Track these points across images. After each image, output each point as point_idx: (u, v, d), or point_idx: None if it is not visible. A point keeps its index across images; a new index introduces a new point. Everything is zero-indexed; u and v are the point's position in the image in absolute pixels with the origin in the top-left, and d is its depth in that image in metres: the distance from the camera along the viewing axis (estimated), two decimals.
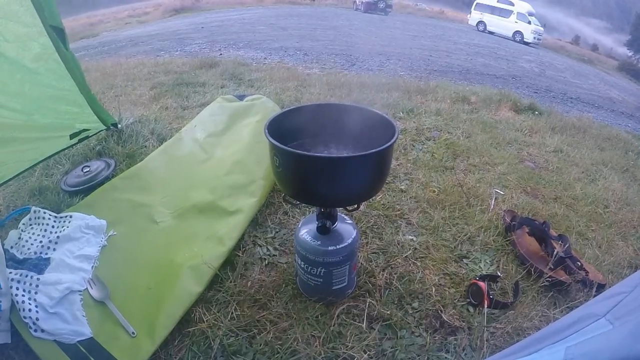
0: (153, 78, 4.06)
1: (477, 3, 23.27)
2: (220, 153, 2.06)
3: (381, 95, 3.65)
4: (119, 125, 2.38)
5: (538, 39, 21.39)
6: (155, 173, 1.96)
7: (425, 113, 3.26)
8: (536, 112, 4.03)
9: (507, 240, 1.75)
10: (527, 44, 20.28)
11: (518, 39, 20.64)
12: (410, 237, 1.71)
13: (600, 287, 1.62)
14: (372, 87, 3.98)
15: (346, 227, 1.31)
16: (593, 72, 16.38)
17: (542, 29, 22.67)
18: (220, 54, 6.26)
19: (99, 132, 2.31)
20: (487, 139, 2.93)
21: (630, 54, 30.79)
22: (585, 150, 3.44)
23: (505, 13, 21.75)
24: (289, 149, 1.01)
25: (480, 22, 22.57)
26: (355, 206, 1.36)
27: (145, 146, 2.30)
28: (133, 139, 2.32)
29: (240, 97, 2.48)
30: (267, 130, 1.07)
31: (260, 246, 1.59)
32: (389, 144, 1.04)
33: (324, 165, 1.04)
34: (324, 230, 1.24)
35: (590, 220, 2.22)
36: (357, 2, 23.70)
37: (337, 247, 1.23)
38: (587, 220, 2.21)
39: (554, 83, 8.71)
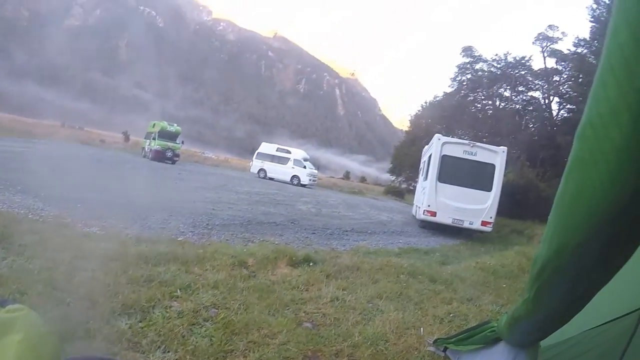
0: None
1: (258, 152, 26.34)
2: None
3: (158, 270, 3.55)
4: None
5: (313, 180, 25.07)
6: None
7: (203, 287, 3.27)
8: (311, 263, 4.52)
9: None
10: (304, 186, 23.52)
11: (296, 182, 23.86)
12: None
13: None
14: (150, 259, 3.86)
15: None
16: (364, 201, 19.70)
17: (316, 171, 26.78)
18: None
19: None
20: (265, 307, 3.09)
21: (393, 178, 37.95)
22: (360, 289, 3.93)
23: (284, 160, 25.10)
24: None
25: (262, 169, 25.35)
26: None
27: None
28: None
29: (2, 302, 2.12)
30: None
31: None
32: None
33: None
34: None
35: None
36: (146, 148, 23.97)
37: None
38: None
39: (330, 220, 10.07)
